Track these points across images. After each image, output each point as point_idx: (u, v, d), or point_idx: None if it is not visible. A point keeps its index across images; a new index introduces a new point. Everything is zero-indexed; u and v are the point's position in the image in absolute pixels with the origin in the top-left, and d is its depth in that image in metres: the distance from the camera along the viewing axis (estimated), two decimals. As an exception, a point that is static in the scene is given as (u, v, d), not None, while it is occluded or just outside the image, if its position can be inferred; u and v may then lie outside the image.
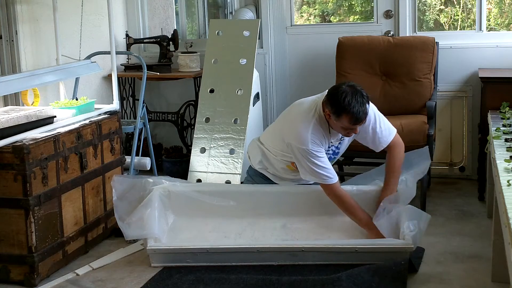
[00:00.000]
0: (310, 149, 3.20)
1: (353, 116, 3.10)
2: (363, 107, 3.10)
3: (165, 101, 5.22)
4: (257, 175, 3.57)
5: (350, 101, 3.08)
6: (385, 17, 4.66)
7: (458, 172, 4.63)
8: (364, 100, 3.12)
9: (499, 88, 3.92)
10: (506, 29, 4.89)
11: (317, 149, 3.22)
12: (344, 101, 3.09)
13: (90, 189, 3.50)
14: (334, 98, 3.14)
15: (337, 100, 3.11)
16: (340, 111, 3.10)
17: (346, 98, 3.09)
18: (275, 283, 2.90)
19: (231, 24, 4.60)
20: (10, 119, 3.15)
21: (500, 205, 2.29)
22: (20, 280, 3.09)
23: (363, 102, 3.11)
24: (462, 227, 3.69)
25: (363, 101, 3.11)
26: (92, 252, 3.48)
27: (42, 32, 4.05)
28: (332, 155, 3.42)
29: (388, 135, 3.34)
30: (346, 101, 3.08)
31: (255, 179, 3.58)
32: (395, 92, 4.33)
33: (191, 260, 3.14)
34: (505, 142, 2.95)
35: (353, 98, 3.09)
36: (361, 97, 3.11)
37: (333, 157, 3.46)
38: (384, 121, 3.35)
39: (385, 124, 3.35)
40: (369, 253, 3.05)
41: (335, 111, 3.12)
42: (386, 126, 3.35)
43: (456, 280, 3.00)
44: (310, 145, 3.20)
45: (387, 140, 3.34)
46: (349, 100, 3.08)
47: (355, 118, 3.11)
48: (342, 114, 3.10)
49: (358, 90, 3.13)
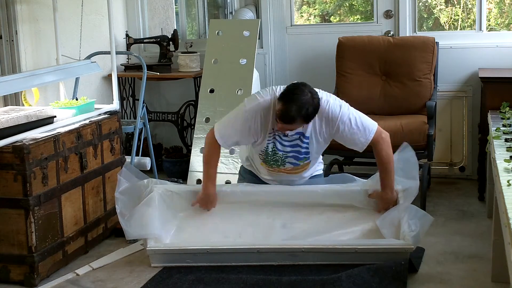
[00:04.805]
0: (246, 105, 3.22)
1: (281, 112, 3.02)
2: (291, 112, 3.00)
3: (165, 101, 5.22)
4: (247, 173, 3.56)
5: (291, 98, 3.02)
6: (385, 17, 4.66)
7: (458, 172, 4.63)
8: (304, 110, 3.00)
9: (499, 88, 3.92)
10: (506, 29, 4.89)
11: (248, 115, 3.19)
12: (289, 93, 3.05)
13: (90, 189, 3.50)
14: (287, 88, 3.11)
15: (286, 90, 3.08)
16: (279, 99, 3.07)
17: (292, 93, 3.05)
18: (275, 283, 2.90)
19: (231, 24, 4.60)
20: (10, 119, 3.15)
21: (500, 205, 2.29)
22: (20, 280, 3.09)
23: (300, 109, 3.00)
24: (462, 227, 3.69)
25: (301, 109, 3.00)
26: (92, 252, 3.48)
27: (42, 32, 4.06)
28: (282, 146, 3.28)
29: (368, 133, 3.22)
30: (289, 94, 3.04)
31: (246, 176, 3.56)
32: (395, 92, 4.33)
33: (191, 260, 3.14)
34: (505, 142, 2.95)
35: (296, 98, 3.01)
36: (304, 105, 3.00)
37: (286, 153, 3.30)
38: (361, 120, 3.22)
39: (363, 123, 3.23)
40: (369, 253, 3.05)
41: (279, 98, 3.09)
42: (364, 125, 3.22)
43: (456, 280, 3.00)
44: (248, 105, 3.21)
45: (366, 139, 3.22)
46: (291, 97, 3.02)
47: (281, 114, 3.03)
48: (280, 102, 3.05)
49: (308, 99, 3.02)
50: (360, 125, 3.21)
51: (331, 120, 3.19)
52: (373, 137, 3.22)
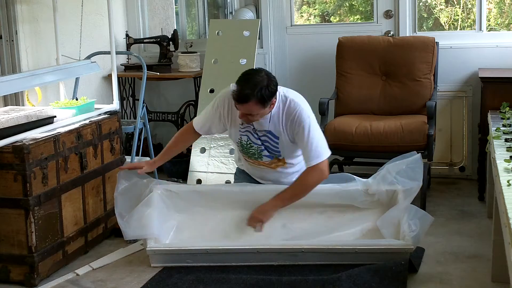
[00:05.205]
0: (220, 92, 3.33)
1: (235, 92, 3.06)
2: (245, 90, 3.02)
3: (165, 101, 5.22)
4: (240, 172, 3.57)
5: (246, 79, 3.07)
6: (385, 17, 4.66)
7: (458, 172, 4.63)
8: (258, 89, 3.01)
9: (499, 88, 3.92)
10: (506, 29, 4.89)
11: (219, 101, 3.28)
12: (244, 74, 3.11)
13: (90, 189, 3.50)
14: (244, 71, 3.18)
15: (242, 73, 3.15)
16: (236, 82, 3.11)
17: (247, 73, 3.12)
18: (275, 283, 2.90)
19: (231, 24, 4.60)
20: (10, 119, 3.15)
21: (500, 205, 2.29)
22: (20, 280, 3.09)
23: (253, 88, 3.01)
24: (462, 227, 3.69)
25: (255, 88, 3.01)
26: (92, 252, 3.48)
27: (42, 32, 4.05)
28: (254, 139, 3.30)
29: (315, 157, 3.20)
30: (244, 75, 3.11)
31: (240, 176, 3.57)
32: (395, 92, 4.33)
33: (191, 260, 3.14)
34: (505, 142, 2.95)
35: (250, 78, 3.06)
36: (258, 84, 3.03)
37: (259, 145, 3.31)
38: (317, 144, 3.19)
39: (317, 147, 3.19)
40: (369, 254, 3.05)
41: (236, 81, 3.13)
42: (317, 150, 3.19)
43: (456, 280, 3.00)
44: (220, 93, 3.32)
45: (309, 162, 3.21)
46: (246, 77, 3.08)
47: (235, 94, 3.06)
48: (235, 85, 3.09)
49: (262, 80, 3.06)
50: (315, 147, 3.19)
51: (295, 124, 3.19)
52: (315, 165, 3.21)
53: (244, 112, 3.12)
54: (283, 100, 3.20)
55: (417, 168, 3.33)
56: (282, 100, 3.20)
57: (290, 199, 3.28)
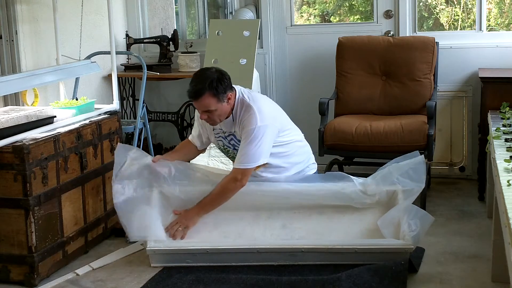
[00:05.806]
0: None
1: (189, 90, 3.19)
2: (197, 86, 3.15)
3: (165, 101, 5.22)
4: None
5: (196, 75, 3.23)
6: (385, 17, 4.66)
7: (458, 172, 4.63)
8: (208, 81, 3.14)
9: (499, 88, 3.92)
10: (506, 29, 4.89)
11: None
12: (195, 73, 3.27)
13: (90, 189, 3.50)
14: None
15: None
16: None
17: (199, 71, 3.28)
18: (275, 283, 2.90)
19: (231, 24, 4.60)
20: (10, 119, 3.15)
21: (500, 205, 2.29)
22: (20, 280, 3.09)
23: (204, 81, 3.14)
24: (462, 227, 3.69)
25: (205, 81, 3.14)
26: (92, 252, 3.48)
27: (42, 32, 4.05)
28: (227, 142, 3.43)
29: (241, 161, 3.23)
30: (196, 73, 3.25)
31: None
32: (395, 92, 4.33)
33: (191, 260, 3.14)
34: (505, 142, 2.95)
35: (201, 74, 3.21)
36: (208, 78, 3.16)
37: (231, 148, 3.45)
38: (253, 150, 3.20)
39: (250, 154, 3.20)
40: (369, 253, 3.05)
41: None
42: (249, 156, 3.21)
43: (456, 280, 3.00)
44: None
45: (235, 164, 3.26)
46: (197, 74, 3.24)
47: (189, 92, 3.19)
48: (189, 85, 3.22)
49: (213, 74, 3.19)
50: (246, 153, 3.21)
51: (243, 126, 3.25)
52: (237, 168, 3.24)
53: (201, 109, 3.22)
54: (243, 103, 3.28)
55: (420, 169, 3.33)
56: (243, 103, 3.28)
57: (210, 205, 3.32)
